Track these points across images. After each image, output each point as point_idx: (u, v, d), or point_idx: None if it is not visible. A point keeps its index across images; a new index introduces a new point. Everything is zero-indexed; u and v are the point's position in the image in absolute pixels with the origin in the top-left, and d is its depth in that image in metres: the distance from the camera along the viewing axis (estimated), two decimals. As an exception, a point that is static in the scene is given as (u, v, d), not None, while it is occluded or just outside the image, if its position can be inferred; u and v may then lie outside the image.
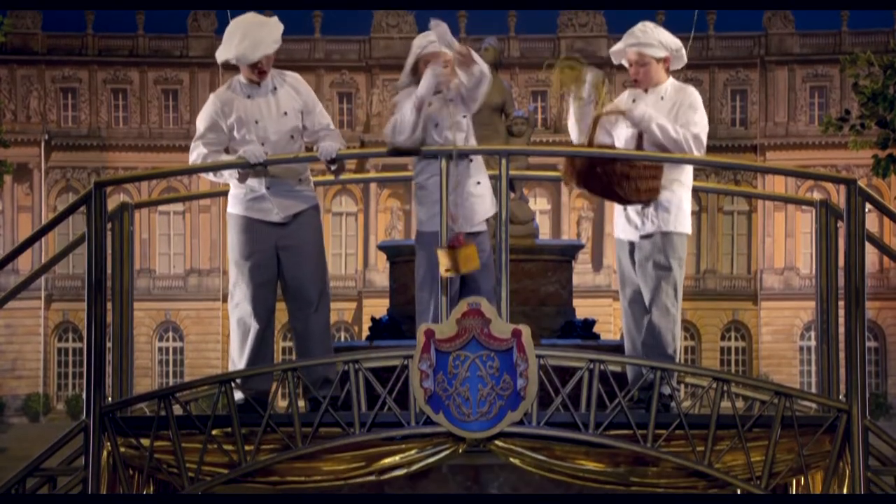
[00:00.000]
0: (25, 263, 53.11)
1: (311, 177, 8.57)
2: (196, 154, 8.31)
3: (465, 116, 8.28)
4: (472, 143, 8.37)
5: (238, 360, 8.45)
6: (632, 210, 8.25)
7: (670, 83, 8.29)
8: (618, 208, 8.46)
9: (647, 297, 8.54)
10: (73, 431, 7.76)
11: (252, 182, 8.32)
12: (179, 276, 66.35)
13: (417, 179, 8.30)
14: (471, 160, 8.21)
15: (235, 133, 8.30)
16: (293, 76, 8.53)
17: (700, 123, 8.18)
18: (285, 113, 8.34)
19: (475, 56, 8.16)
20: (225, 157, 8.28)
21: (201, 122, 8.36)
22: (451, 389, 7.44)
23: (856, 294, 7.72)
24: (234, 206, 8.45)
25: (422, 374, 7.48)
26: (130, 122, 67.27)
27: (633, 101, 8.24)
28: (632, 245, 8.33)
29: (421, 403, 7.49)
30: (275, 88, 8.36)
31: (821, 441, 7.63)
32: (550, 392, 7.59)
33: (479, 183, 8.23)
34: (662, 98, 8.23)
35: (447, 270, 7.75)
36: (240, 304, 8.48)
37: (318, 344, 8.43)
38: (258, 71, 8.28)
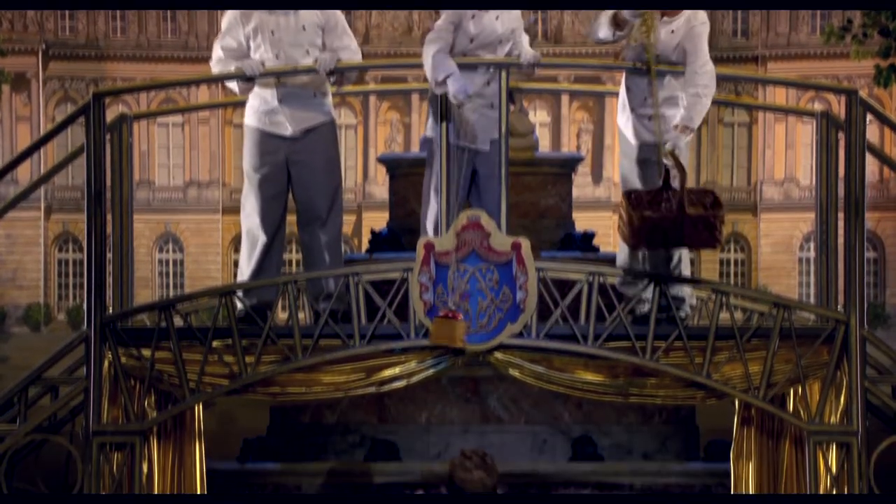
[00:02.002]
0: (24, 174, 52.96)
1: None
2: (215, 57, 8.38)
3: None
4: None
5: (245, 269, 8.53)
6: (638, 118, 8.23)
7: (685, 14, 8.18)
8: (621, 111, 8.43)
9: None
10: (74, 342, 7.80)
11: (265, 94, 8.32)
12: (179, 188, 66.24)
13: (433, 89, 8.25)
14: (488, 83, 8.17)
15: (252, 42, 8.28)
16: None
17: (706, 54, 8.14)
18: (304, 27, 8.29)
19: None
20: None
21: (224, 23, 8.43)
22: (451, 302, 7.45)
23: (855, 205, 7.72)
24: (249, 118, 8.47)
25: (421, 286, 7.50)
26: (129, 33, 66.77)
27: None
28: (637, 149, 8.33)
29: (420, 316, 7.51)
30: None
31: (819, 352, 7.67)
32: (550, 304, 7.61)
33: (492, 105, 8.18)
34: (673, 32, 8.13)
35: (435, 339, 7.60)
36: (250, 216, 8.53)
37: (323, 258, 8.46)
38: None
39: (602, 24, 8.13)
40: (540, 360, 7.64)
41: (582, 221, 15.93)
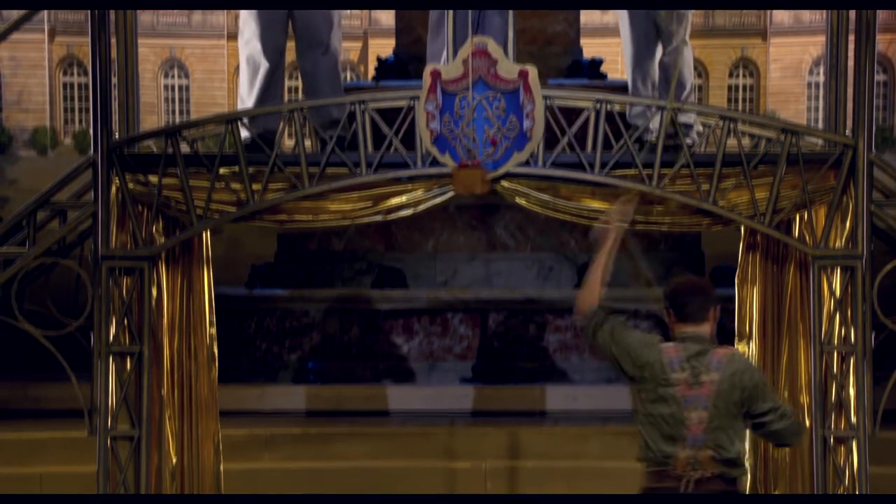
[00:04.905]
0: (27, -4, 52.46)
1: None
2: None
3: None
4: None
5: (247, 98, 8.48)
6: None
7: None
8: None
9: (663, 34, 8.52)
10: (81, 166, 7.80)
11: None
12: (183, 13, 65.63)
13: None
14: None
15: None
16: None
17: None
18: None
19: None
20: None
21: None
22: (458, 130, 7.43)
23: (867, 27, 7.63)
24: None
25: (428, 115, 7.46)
26: None
27: None
28: None
29: (427, 144, 7.48)
30: None
31: (826, 176, 7.65)
32: (556, 132, 7.59)
33: None
34: None
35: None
36: (249, 42, 8.45)
37: (326, 85, 8.42)
38: None
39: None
40: (546, 188, 7.64)
41: (590, 48, 15.80)
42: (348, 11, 63.58)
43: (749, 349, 7.99)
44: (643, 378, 6.31)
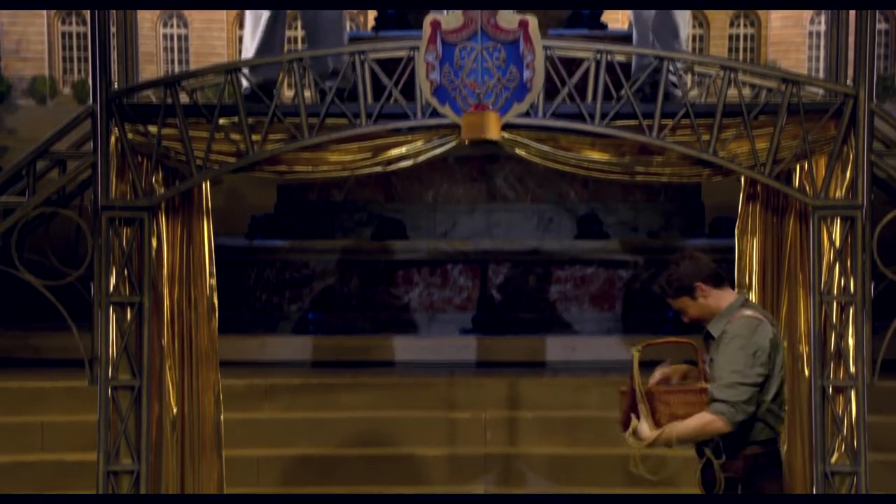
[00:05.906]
0: (24, -56, 52.17)
1: None
2: None
3: None
4: None
5: (250, 46, 8.50)
6: None
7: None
8: None
9: None
10: (80, 116, 7.78)
11: None
12: (182, -40, 65.32)
13: None
14: None
15: None
16: None
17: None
18: None
19: None
20: None
21: None
22: (458, 81, 7.41)
23: (869, -24, 7.61)
24: None
25: (428, 65, 7.44)
26: None
27: None
28: None
29: (427, 95, 7.46)
30: None
31: (826, 126, 7.64)
32: (557, 83, 7.57)
33: None
34: None
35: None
36: None
37: (327, 36, 8.39)
38: None
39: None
40: (546, 139, 7.63)
41: None
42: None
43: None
44: (776, 357, 6.26)
